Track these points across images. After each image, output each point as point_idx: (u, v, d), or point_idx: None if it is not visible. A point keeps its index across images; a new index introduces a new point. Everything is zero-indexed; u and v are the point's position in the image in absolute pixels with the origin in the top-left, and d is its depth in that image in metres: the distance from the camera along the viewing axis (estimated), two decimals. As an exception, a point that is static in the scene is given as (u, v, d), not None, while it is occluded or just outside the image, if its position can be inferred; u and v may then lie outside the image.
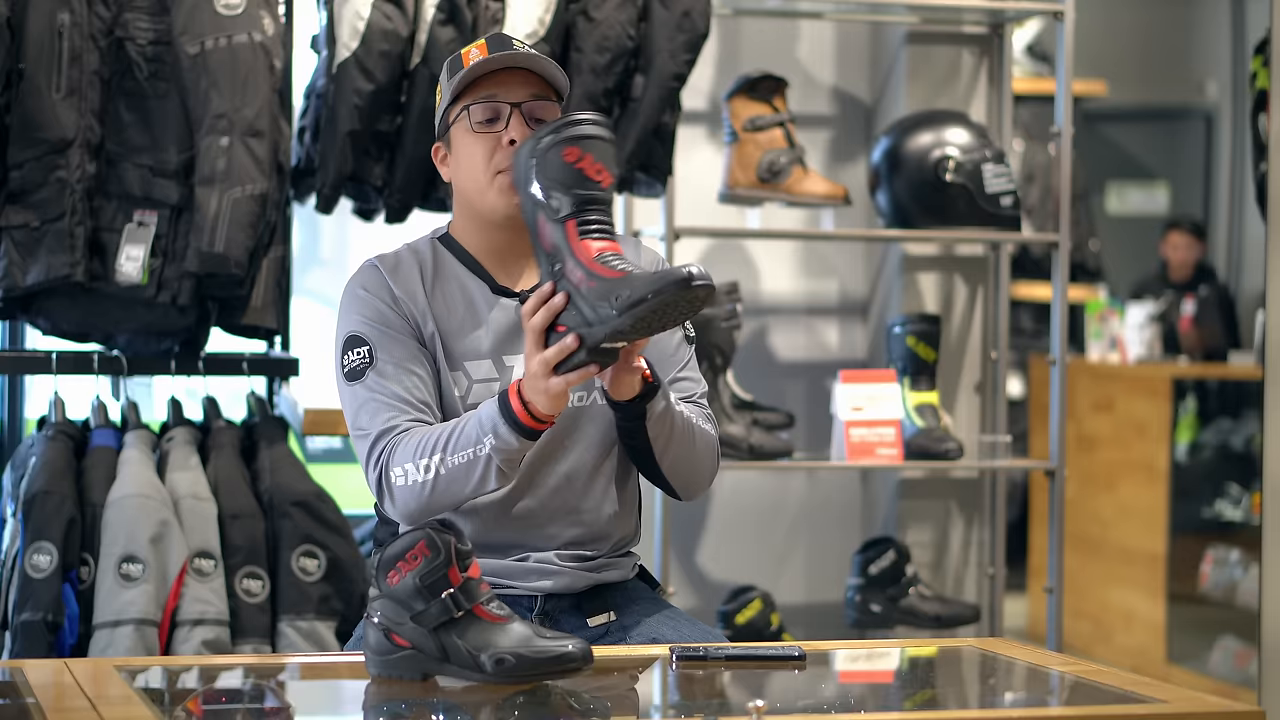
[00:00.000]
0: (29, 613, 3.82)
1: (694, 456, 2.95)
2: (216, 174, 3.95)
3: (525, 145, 2.73)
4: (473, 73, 2.93)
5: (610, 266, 2.65)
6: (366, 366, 2.89)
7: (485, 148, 2.92)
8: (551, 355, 2.69)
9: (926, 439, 4.53)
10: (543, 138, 2.70)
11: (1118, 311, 7.00)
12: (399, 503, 2.84)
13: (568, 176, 2.68)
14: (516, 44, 2.94)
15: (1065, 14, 4.69)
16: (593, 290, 2.65)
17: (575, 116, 2.71)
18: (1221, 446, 6.41)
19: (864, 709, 2.62)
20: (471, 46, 2.95)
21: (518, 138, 2.90)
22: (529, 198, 2.72)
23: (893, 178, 4.63)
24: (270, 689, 2.71)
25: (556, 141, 2.69)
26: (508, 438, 2.75)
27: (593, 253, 2.67)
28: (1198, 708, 2.47)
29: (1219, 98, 9.02)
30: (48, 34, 3.96)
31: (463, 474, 2.78)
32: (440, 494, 2.81)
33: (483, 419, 2.77)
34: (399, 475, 2.82)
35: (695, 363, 3.04)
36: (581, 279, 2.66)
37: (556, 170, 2.68)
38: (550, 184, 2.69)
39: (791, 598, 4.94)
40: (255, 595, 3.99)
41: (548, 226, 2.70)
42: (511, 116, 2.91)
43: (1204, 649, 6.32)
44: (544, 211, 2.70)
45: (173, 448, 4.07)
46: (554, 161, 2.69)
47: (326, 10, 4.16)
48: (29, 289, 3.97)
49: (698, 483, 3.00)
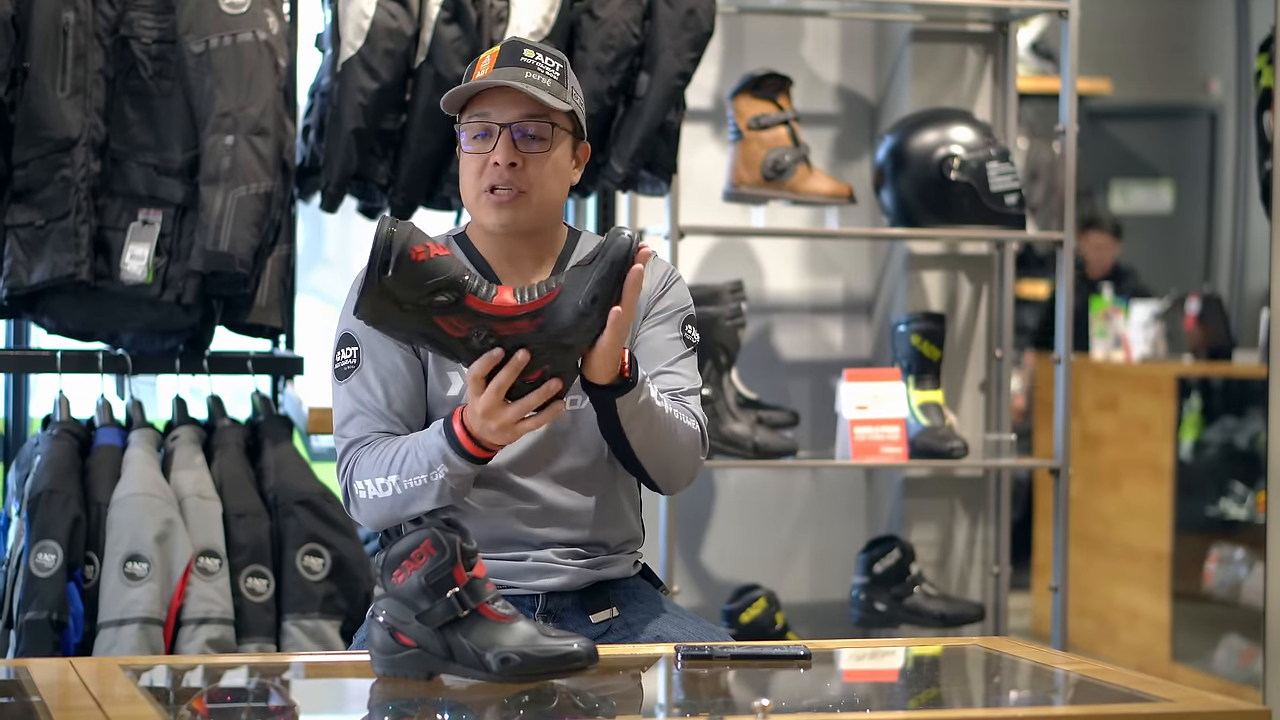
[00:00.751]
0: (34, 611, 3.82)
1: (671, 453, 2.93)
2: (221, 172, 3.95)
3: (372, 296, 2.65)
4: (464, 92, 2.94)
5: (536, 295, 2.67)
6: (353, 368, 2.95)
7: (476, 165, 2.94)
8: (505, 378, 2.69)
9: (931, 437, 4.53)
10: (383, 269, 2.64)
11: (1122, 310, 6.99)
12: (363, 514, 2.93)
13: (432, 269, 2.65)
14: (527, 54, 2.93)
15: (1070, 12, 4.69)
16: (545, 324, 2.66)
17: (384, 224, 2.66)
18: (1226, 445, 6.41)
19: (869, 708, 2.62)
20: (485, 54, 2.96)
21: (501, 160, 2.91)
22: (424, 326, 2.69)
23: (897, 176, 4.63)
24: (275, 688, 2.71)
25: (399, 255, 2.64)
26: (460, 467, 2.80)
27: (510, 299, 2.68)
28: (1203, 706, 2.47)
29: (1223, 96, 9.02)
30: (52, 32, 3.96)
31: (419, 494, 2.85)
32: (400, 510, 2.88)
33: (429, 450, 2.82)
34: (361, 489, 2.90)
35: (690, 362, 3.03)
36: (526, 325, 2.67)
37: (419, 275, 2.65)
38: (426, 291, 2.65)
39: (796, 596, 4.94)
40: (260, 594, 3.99)
41: (455, 319, 2.67)
42: (500, 139, 2.93)
43: (1209, 648, 6.32)
44: (444, 314, 2.67)
45: (177, 446, 4.07)
46: (412, 271, 2.64)
47: (331, 8, 4.16)
48: (34, 288, 3.97)
49: (675, 478, 2.98)
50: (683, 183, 4.53)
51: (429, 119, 4.15)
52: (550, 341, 2.68)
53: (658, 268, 3.05)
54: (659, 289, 3.03)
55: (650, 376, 2.94)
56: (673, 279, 3.06)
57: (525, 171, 2.93)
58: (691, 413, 2.98)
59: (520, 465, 2.95)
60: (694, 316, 3.06)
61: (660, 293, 3.03)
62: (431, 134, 4.17)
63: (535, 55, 2.94)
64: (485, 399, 2.71)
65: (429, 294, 2.65)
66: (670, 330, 3.02)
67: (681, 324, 3.03)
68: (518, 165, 2.92)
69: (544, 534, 2.96)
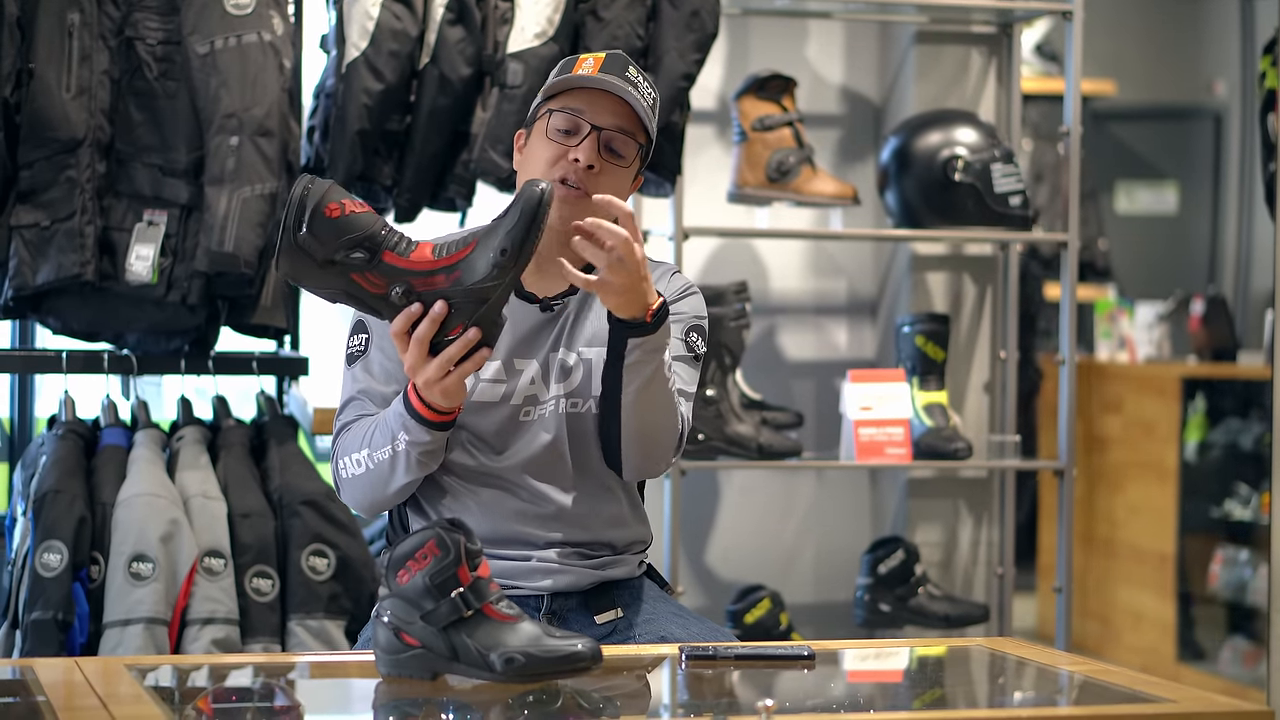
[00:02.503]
0: (39, 611, 3.83)
1: (657, 424, 2.90)
2: (226, 173, 3.96)
3: (288, 250, 2.65)
4: (572, 82, 2.95)
5: (453, 250, 2.68)
6: (359, 355, 2.98)
7: (552, 154, 2.94)
8: (424, 331, 2.69)
9: (935, 438, 4.54)
10: (298, 226, 2.64)
11: (1126, 311, 6.99)
12: (346, 494, 2.96)
13: (346, 225, 2.65)
14: (631, 72, 2.96)
15: (1074, 13, 4.69)
16: (461, 278, 2.67)
17: (302, 182, 2.66)
18: (1231, 446, 6.41)
19: (873, 708, 2.62)
20: (589, 56, 2.98)
21: (584, 159, 2.92)
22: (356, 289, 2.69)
23: (902, 177, 4.63)
24: (280, 688, 2.71)
25: (313, 211, 2.64)
26: (419, 434, 2.81)
27: (428, 254, 2.68)
28: (1207, 708, 2.47)
29: (1228, 97, 9.01)
30: (57, 33, 3.97)
31: (388, 467, 2.86)
32: (379, 487, 2.89)
33: (392, 419, 2.84)
34: (343, 467, 2.93)
35: (688, 370, 3.02)
36: (443, 280, 2.68)
37: (334, 230, 2.65)
38: (341, 247, 2.65)
39: (800, 597, 4.94)
40: (265, 594, 4.00)
41: (372, 275, 2.67)
42: (587, 138, 2.93)
43: (1213, 649, 6.32)
44: (361, 270, 2.67)
45: (182, 447, 4.08)
46: (326, 227, 2.65)
47: (336, 10, 4.16)
48: (39, 288, 3.98)
49: (652, 455, 2.94)
50: (687, 184, 4.54)
51: (434, 120, 4.16)
52: (467, 294, 2.68)
53: (677, 280, 3.06)
54: (674, 296, 3.03)
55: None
56: (689, 292, 3.06)
57: (599, 177, 2.93)
58: (679, 410, 2.96)
59: (525, 467, 2.95)
60: (704, 329, 3.05)
61: (674, 299, 3.03)
62: (436, 135, 4.17)
63: (638, 77, 2.97)
64: (410, 354, 2.71)
65: (345, 249, 2.65)
66: (673, 333, 3.01)
67: (686, 330, 3.02)
68: (595, 169, 2.93)
69: (548, 535, 2.96)
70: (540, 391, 2.96)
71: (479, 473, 2.95)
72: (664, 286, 3.03)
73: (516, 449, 2.95)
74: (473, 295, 2.68)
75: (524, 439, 2.95)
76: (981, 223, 4.59)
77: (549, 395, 2.96)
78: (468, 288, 2.68)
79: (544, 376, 2.96)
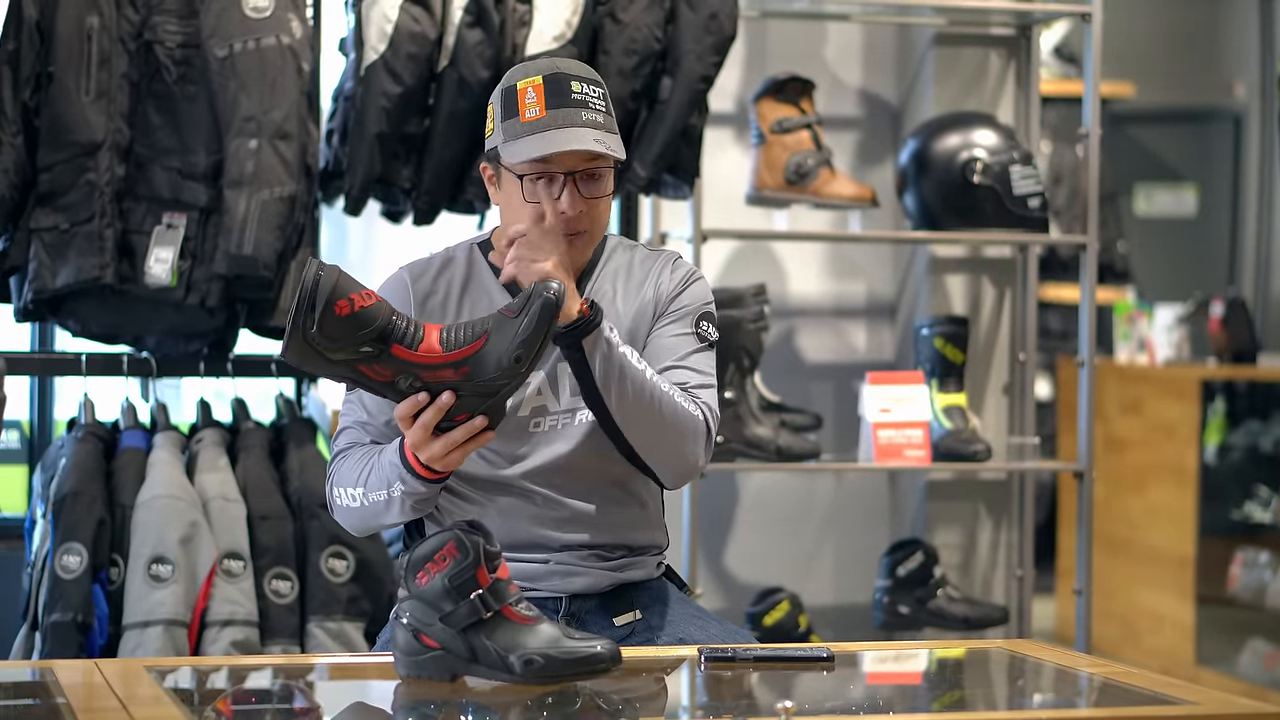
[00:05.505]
0: (59, 613, 3.83)
1: (659, 428, 2.88)
2: (245, 176, 3.96)
3: (297, 346, 2.62)
4: (532, 150, 2.86)
5: (462, 344, 2.66)
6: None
7: (533, 211, 2.90)
8: (429, 418, 2.69)
9: (954, 440, 4.53)
10: (308, 324, 2.61)
11: (1146, 313, 6.98)
12: (340, 519, 2.96)
13: (356, 323, 2.63)
14: (575, 89, 2.88)
15: (1093, 15, 4.68)
16: (470, 373, 2.66)
17: (311, 268, 2.62)
18: (1250, 448, 6.39)
19: (892, 710, 2.62)
20: (527, 85, 2.88)
21: (569, 210, 2.88)
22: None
23: (920, 179, 4.62)
24: (299, 689, 2.72)
25: (323, 310, 2.61)
26: (415, 486, 2.80)
27: (436, 346, 2.66)
28: (1227, 709, 2.46)
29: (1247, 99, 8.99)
30: (77, 37, 3.98)
31: (383, 508, 2.86)
32: (369, 521, 2.90)
33: (387, 468, 2.82)
34: (338, 495, 2.92)
35: (703, 358, 3.00)
36: (451, 374, 2.67)
37: (343, 329, 2.62)
38: (351, 344, 2.63)
39: (819, 599, 4.94)
40: (284, 596, 4.00)
41: (380, 367, 2.66)
42: (565, 188, 2.89)
43: (1233, 651, 6.30)
44: (369, 363, 2.65)
45: (202, 449, 4.09)
46: (336, 326, 2.62)
47: (354, 13, 4.17)
48: (59, 291, 3.99)
49: (670, 461, 2.93)
50: (705, 186, 4.54)
51: (452, 123, 4.16)
52: (475, 389, 2.68)
53: (679, 268, 3.03)
54: (678, 288, 3.01)
55: (659, 371, 2.93)
56: (693, 279, 3.03)
57: (590, 214, 2.92)
58: (698, 402, 2.94)
59: (537, 476, 2.94)
60: (712, 314, 3.03)
61: (678, 290, 3.01)
62: (455, 138, 4.17)
63: (583, 88, 2.89)
64: (413, 434, 2.72)
65: (354, 346, 2.64)
66: (682, 327, 2.99)
67: (695, 321, 3.00)
68: (583, 209, 2.91)
69: (564, 538, 2.96)
70: (549, 402, 2.95)
71: (493, 482, 2.95)
72: (664, 274, 3.01)
73: (527, 460, 2.94)
74: (481, 390, 2.68)
75: (535, 450, 2.95)
76: (1000, 225, 4.58)
77: (560, 406, 2.95)
78: (476, 384, 2.67)
79: (552, 387, 2.95)
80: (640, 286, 3.01)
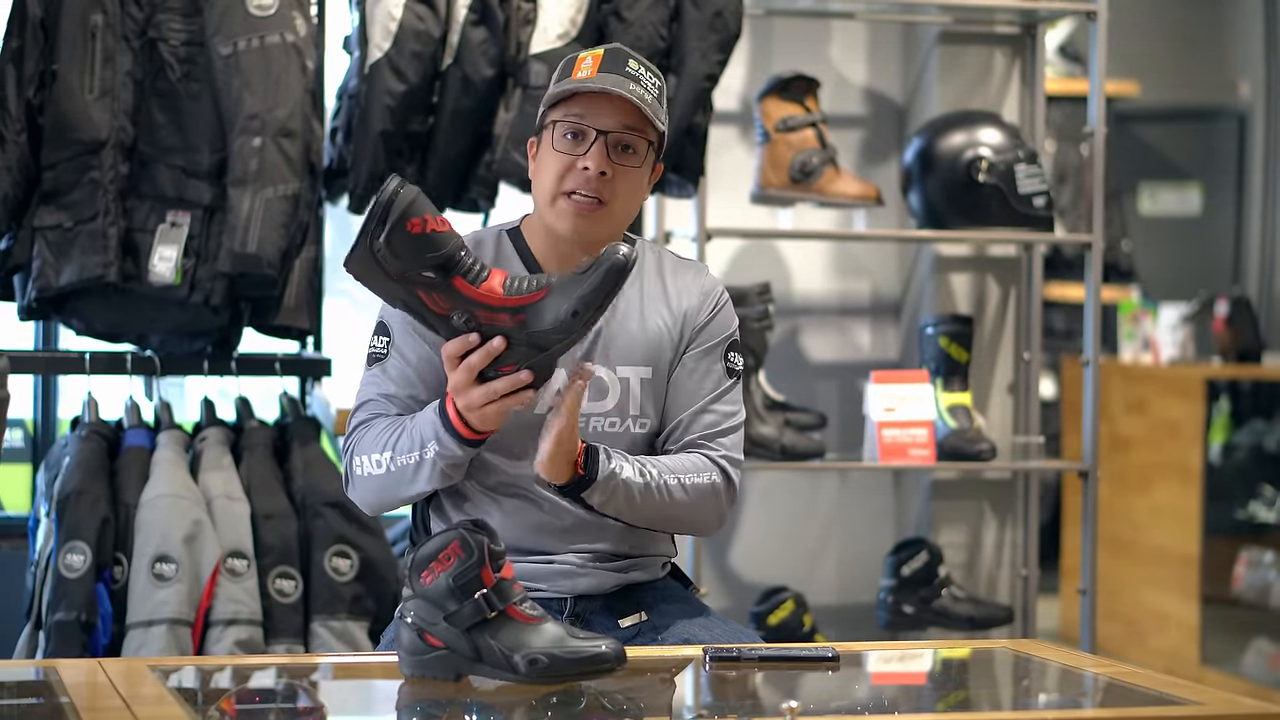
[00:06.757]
0: (63, 612, 3.83)
1: (673, 517, 2.91)
2: (249, 174, 3.96)
3: (361, 257, 2.61)
4: (567, 89, 2.88)
5: (524, 291, 2.64)
6: (380, 358, 2.93)
7: (560, 166, 2.88)
8: (477, 361, 2.67)
9: (959, 440, 4.53)
10: (376, 233, 2.59)
11: (1150, 312, 6.97)
12: (358, 492, 2.91)
13: (426, 245, 2.60)
14: (631, 65, 2.89)
15: (1098, 14, 4.68)
16: (526, 322, 2.64)
17: (391, 184, 2.61)
18: (1255, 448, 6.39)
19: (897, 710, 2.61)
20: (587, 54, 2.90)
21: (593, 167, 2.86)
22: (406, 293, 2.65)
23: (925, 178, 4.62)
24: (303, 689, 2.71)
25: (395, 223, 2.59)
26: (451, 447, 2.78)
27: (498, 289, 2.64)
28: (1232, 710, 2.46)
29: (1252, 98, 8.98)
30: (81, 35, 3.98)
31: (410, 473, 2.82)
32: (391, 489, 2.87)
33: (424, 426, 2.80)
34: (358, 465, 2.88)
35: (732, 395, 2.98)
36: (507, 319, 2.65)
37: (412, 247, 2.60)
38: (416, 265, 2.61)
39: (824, 599, 4.94)
40: (288, 595, 4.00)
41: (439, 296, 2.64)
42: (594, 144, 2.88)
43: (1237, 651, 6.30)
44: (429, 289, 2.63)
45: (206, 448, 4.08)
46: (406, 243, 2.59)
47: (359, 11, 4.17)
48: (62, 289, 3.98)
49: (688, 530, 2.99)
50: (710, 185, 4.53)
51: (457, 121, 4.16)
52: (528, 339, 2.66)
53: (709, 292, 2.99)
54: (708, 316, 2.98)
55: (688, 414, 2.93)
56: (721, 302, 3.00)
57: (612, 182, 2.88)
58: (714, 461, 2.93)
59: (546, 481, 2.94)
60: (738, 342, 3.01)
61: (707, 318, 2.98)
62: (459, 136, 4.17)
63: (639, 69, 2.89)
64: (456, 376, 2.69)
65: (417, 269, 2.62)
66: (711, 362, 2.97)
67: (724, 353, 2.98)
68: (607, 175, 2.88)
69: (568, 545, 2.95)
70: None
71: (500, 480, 2.94)
72: (693, 295, 2.98)
73: (534, 456, 2.93)
74: (533, 341, 2.66)
75: None
76: (1005, 224, 4.58)
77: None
78: (530, 333, 2.65)
79: None
80: (667, 298, 2.98)
